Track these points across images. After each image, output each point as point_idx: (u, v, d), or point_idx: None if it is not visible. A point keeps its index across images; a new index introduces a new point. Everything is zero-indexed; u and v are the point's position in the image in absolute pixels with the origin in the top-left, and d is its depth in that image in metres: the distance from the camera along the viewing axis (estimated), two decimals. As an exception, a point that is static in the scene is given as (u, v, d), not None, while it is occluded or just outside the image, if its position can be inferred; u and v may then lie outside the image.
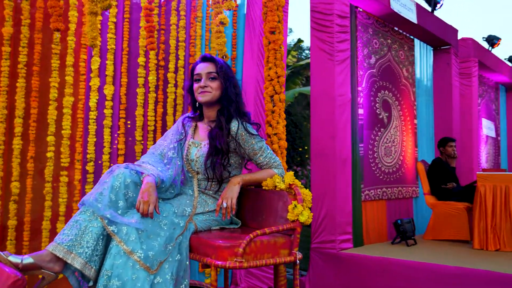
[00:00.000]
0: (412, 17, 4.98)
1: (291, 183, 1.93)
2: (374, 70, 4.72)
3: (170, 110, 3.27)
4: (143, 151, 3.17)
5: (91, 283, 1.79)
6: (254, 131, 2.13)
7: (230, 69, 2.21)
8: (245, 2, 3.64)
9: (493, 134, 7.85)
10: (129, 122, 3.12)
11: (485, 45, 7.22)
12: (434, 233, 4.57)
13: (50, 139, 2.78)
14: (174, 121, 3.29)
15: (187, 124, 2.29)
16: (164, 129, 3.26)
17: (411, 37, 5.49)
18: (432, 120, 5.95)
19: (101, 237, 1.81)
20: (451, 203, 4.54)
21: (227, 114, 2.11)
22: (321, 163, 3.82)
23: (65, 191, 2.83)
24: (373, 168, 4.56)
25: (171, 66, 3.28)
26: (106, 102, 3.01)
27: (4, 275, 1.54)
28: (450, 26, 5.93)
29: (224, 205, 2.00)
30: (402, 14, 4.76)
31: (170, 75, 3.27)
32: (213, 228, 2.13)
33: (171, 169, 2.08)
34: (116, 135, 3.06)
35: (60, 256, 1.72)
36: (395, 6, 4.65)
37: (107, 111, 3.01)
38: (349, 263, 3.56)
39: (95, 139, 2.96)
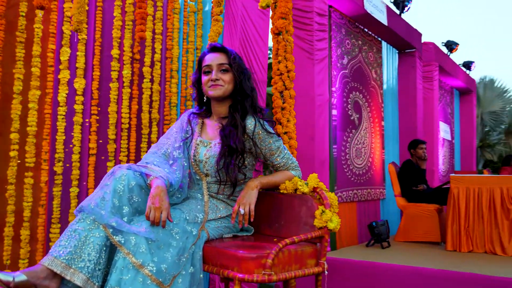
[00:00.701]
0: (383, 18, 4.98)
1: (315, 186, 1.78)
2: (347, 71, 4.68)
3: (145, 107, 3.04)
4: (117, 151, 2.93)
5: None
6: (271, 129, 1.97)
7: (243, 61, 2.02)
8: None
9: (448, 137, 8.08)
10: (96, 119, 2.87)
11: (444, 50, 7.41)
12: (405, 234, 4.58)
13: (14, 136, 2.49)
14: (150, 119, 3.07)
15: (193, 120, 2.08)
16: (139, 127, 3.03)
17: (379, 39, 5.51)
18: (397, 122, 6.01)
19: (104, 248, 1.59)
20: (422, 205, 4.56)
21: (241, 110, 1.92)
22: (300, 165, 3.69)
23: (30, 194, 2.54)
24: (345, 170, 4.51)
25: (147, 60, 3.05)
26: (77, 97, 2.75)
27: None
28: (415, 30, 6.01)
29: (242, 211, 1.81)
30: (374, 16, 4.75)
31: (145, 69, 3.04)
32: (225, 236, 1.94)
33: (177, 170, 1.86)
34: (87, 133, 2.81)
35: (58, 272, 1.49)
36: (368, 7, 4.62)
37: (78, 107, 2.75)
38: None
39: (64, 137, 2.68)
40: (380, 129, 5.34)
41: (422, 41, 6.37)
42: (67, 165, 2.71)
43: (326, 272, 1.77)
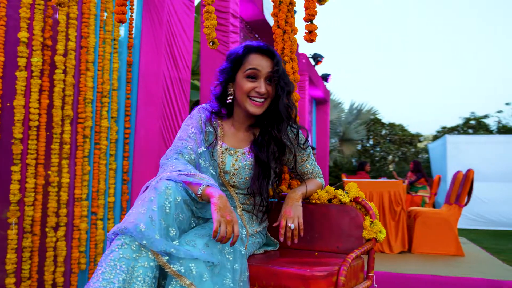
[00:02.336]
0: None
1: (356, 196, 1.69)
2: (244, 76, 4.68)
3: (57, 102, 2.60)
4: (23, 153, 2.45)
5: None
6: (304, 138, 1.81)
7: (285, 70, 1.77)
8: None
9: (311, 144, 8.67)
10: None
11: (312, 61, 7.93)
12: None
13: None
14: (62, 117, 2.63)
15: (213, 121, 1.79)
16: (49, 125, 2.58)
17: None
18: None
19: (154, 280, 1.28)
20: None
21: (277, 129, 1.71)
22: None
23: None
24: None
25: (60, 47, 2.62)
26: (-24, 86, 2.23)
27: None
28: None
29: (292, 226, 1.61)
30: (269, 22, 4.84)
31: (58, 58, 2.61)
32: (256, 252, 1.74)
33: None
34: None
35: None
36: (267, 14, 4.70)
37: (-23, 98, 2.23)
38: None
39: (-41, 135, 2.15)
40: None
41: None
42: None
43: (375, 286, 1.70)
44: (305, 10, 1.82)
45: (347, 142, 17.19)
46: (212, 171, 1.70)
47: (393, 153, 17.95)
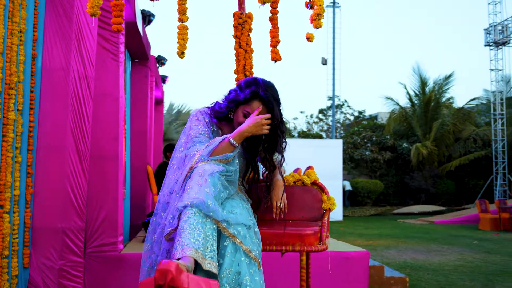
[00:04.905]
0: (141, 28, 5.33)
1: (315, 179, 2.18)
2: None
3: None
4: None
5: None
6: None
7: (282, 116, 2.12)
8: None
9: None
10: None
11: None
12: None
13: None
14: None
15: (214, 125, 2.11)
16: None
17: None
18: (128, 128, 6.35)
19: (215, 237, 1.69)
20: (176, 201, 5.14)
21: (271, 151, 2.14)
22: (100, 165, 3.69)
23: None
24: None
25: (-29, 35, 2.54)
26: None
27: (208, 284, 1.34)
28: (148, 42, 6.54)
29: (281, 206, 2.10)
30: (138, 24, 5.05)
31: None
32: None
33: None
34: None
35: (199, 261, 1.55)
36: (138, 15, 4.91)
37: None
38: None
39: None
40: (125, 132, 5.61)
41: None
42: None
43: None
44: (271, 39, 2.30)
45: (168, 141, 17.66)
46: None
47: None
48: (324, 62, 20.75)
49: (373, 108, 50.05)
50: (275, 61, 2.40)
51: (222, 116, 2.10)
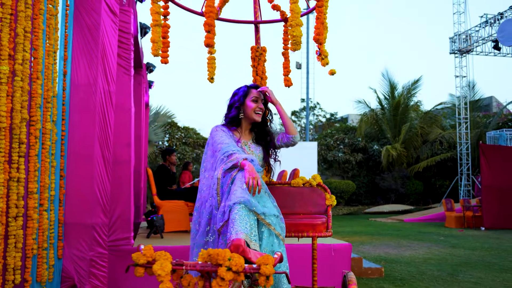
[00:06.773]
0: (139, 39, 5.75)
1: (319, 181, 2.67)
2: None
3: (17, 106, 2.91)
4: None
5: None
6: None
7: None
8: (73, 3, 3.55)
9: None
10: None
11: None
12: (166, 226, 5.46)
13: None
14: (21, 119, 2.96)
15: (230, 132, 2.69)
16: (10, 127, 2.88)
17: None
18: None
19: (256, 225, 2.18)
20: (174, 201, 5.58)
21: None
22: (116, 169, 4.11)
23: None
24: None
25: (19, 57, 2.94)
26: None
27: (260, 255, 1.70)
28: (142, 51, 6.95)
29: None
30: (138, 37, 5.47)
31: (17, 67, 2.92)
32: None
33: None
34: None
35: (248, 242, 2.01)
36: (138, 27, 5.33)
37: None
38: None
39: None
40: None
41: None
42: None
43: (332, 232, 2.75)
44: (283, 69, 2.83)
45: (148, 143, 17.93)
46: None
47: (188, 154, 19.35)
48: (298, 66, 21.47)
49: (344, 110, 51.25)
50: (288, 87, 2.95)
51: (236, 120, 2.72)
